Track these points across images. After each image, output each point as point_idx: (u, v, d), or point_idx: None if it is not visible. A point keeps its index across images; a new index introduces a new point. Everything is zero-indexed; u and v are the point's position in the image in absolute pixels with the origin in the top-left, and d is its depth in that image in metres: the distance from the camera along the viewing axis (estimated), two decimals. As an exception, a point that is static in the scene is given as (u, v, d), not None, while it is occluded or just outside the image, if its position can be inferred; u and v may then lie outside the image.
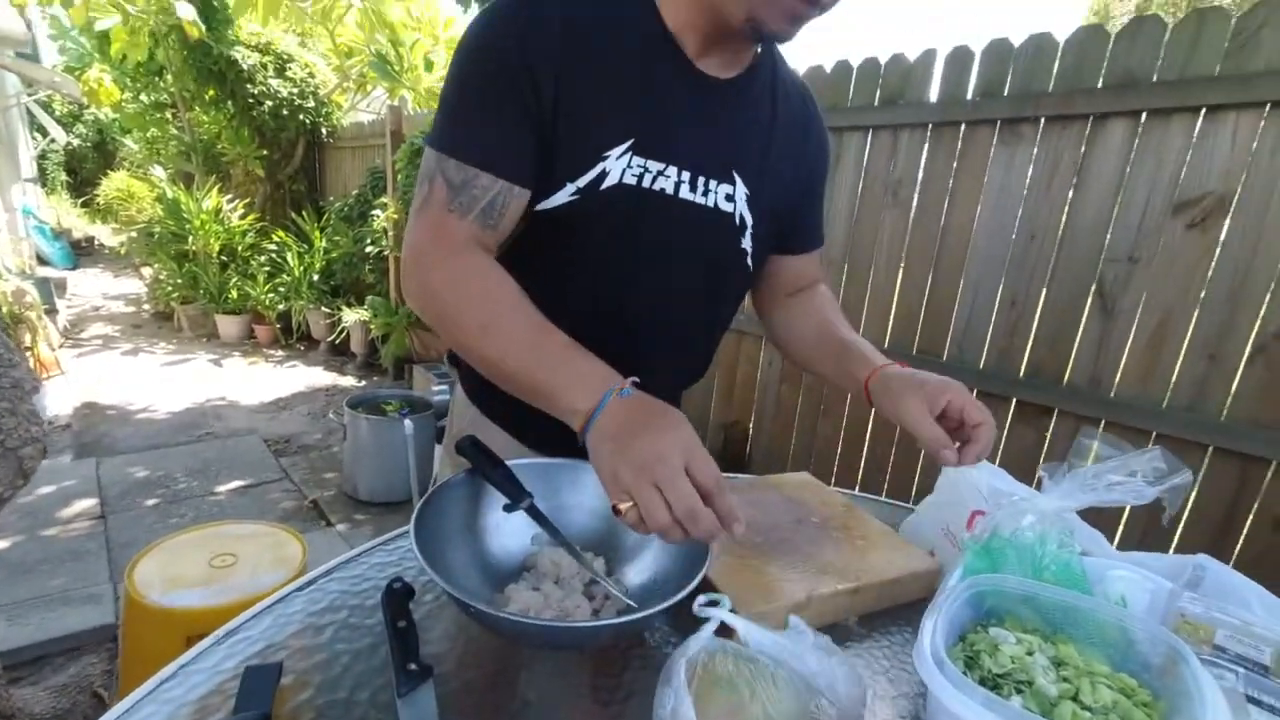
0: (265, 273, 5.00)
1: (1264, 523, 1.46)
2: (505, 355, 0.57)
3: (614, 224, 0.63)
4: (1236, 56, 1.37)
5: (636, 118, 0.61)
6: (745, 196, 0.68)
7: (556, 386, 0.54)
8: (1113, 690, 0.41)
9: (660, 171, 0.62)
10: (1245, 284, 1.43)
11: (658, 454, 0.47)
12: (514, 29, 0.58)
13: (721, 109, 0.65)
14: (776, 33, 0.58)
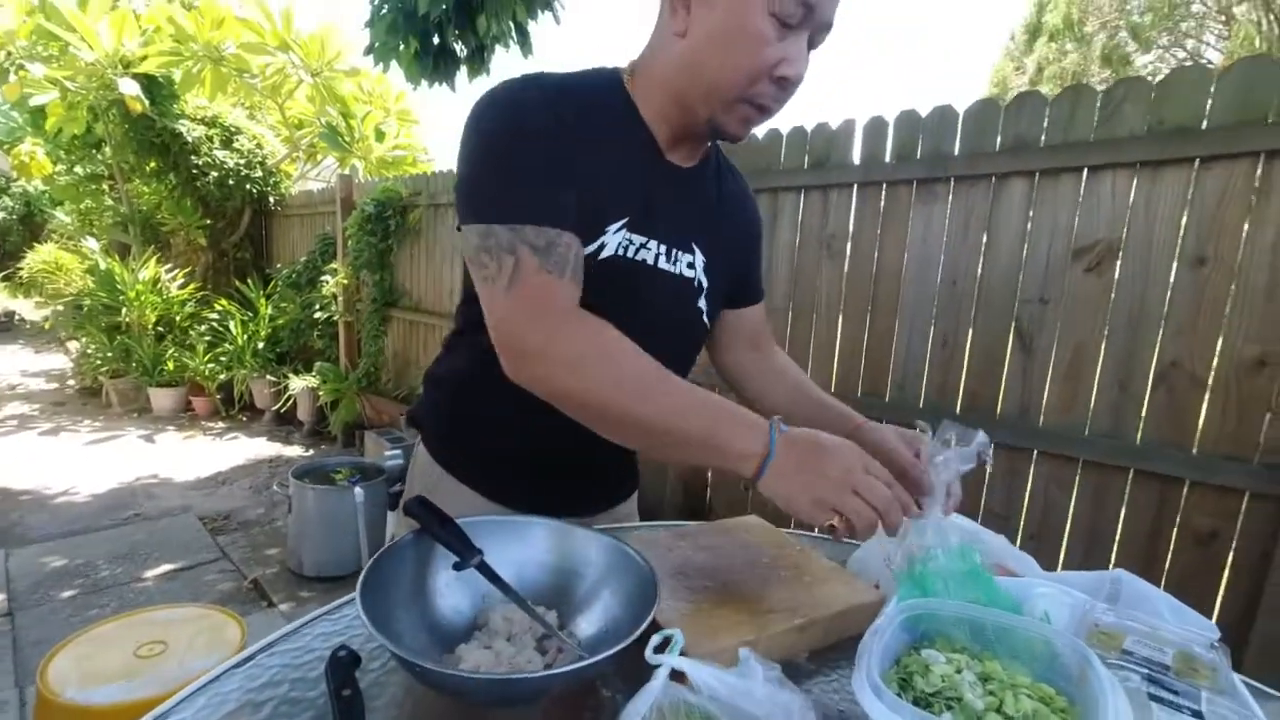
0: (206, 342, 4.83)
1: (1186, 538, 1.56)
2: (668, 417, 0.59)
3: (609, 290, 0.69)
4: (1107, 124, 1.57)
5: (630, 199, 0.70)
6: (702, 264, 0.79)
7: (727, 438, 0.58)
8: (1033, 699, 0.44)
9: (643, 245, 0.72)
10: (1141, 319, 1.57)
11: (846, 468, 0.55)
12: (544, 109, 0.65)
13: (684, 192, 0.76)
14: (732, 134, 0.69)
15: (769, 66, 0.63)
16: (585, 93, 0.69)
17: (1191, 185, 1.48)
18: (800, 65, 0.65)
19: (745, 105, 0.66)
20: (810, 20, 0.63)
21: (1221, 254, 1.46)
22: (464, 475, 0.81)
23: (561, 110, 0.65)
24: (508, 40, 2.24)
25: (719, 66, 0.64)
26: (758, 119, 0.68)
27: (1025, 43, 8.46)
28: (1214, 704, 0.45)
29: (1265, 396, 1.43)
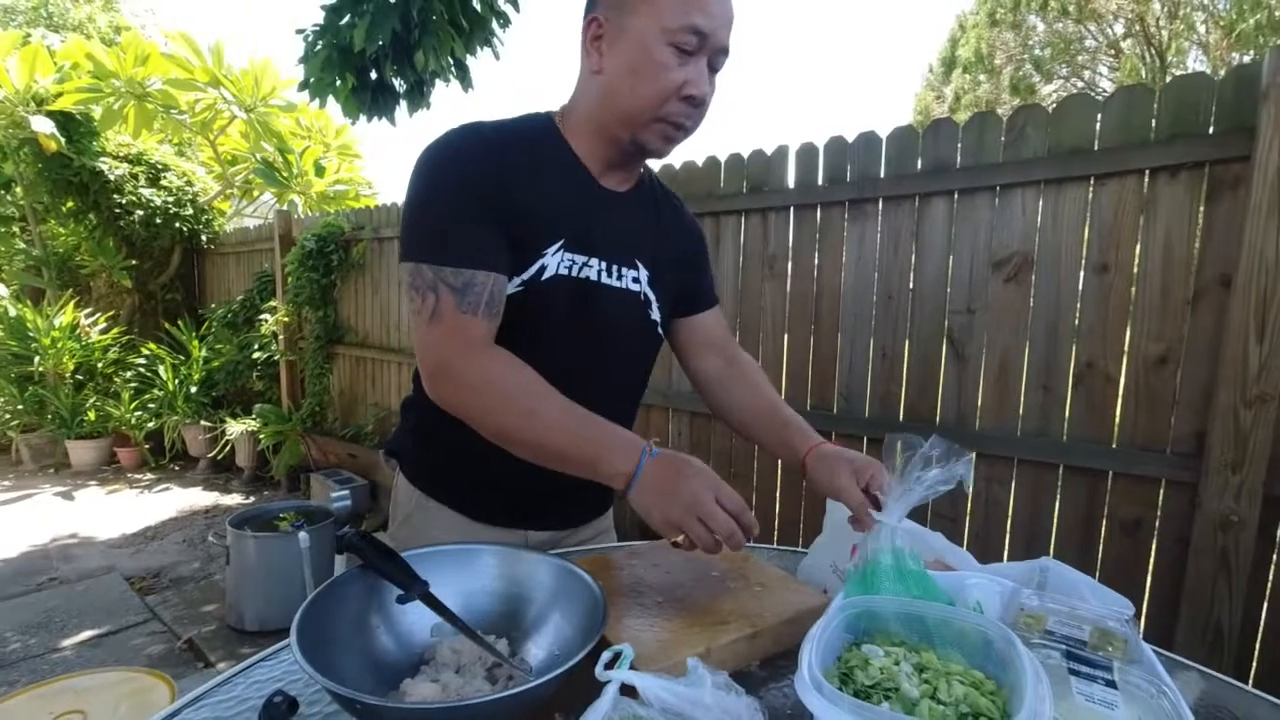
0: (132, 389, 4.54)
1: (1114, 527, 1.66)
2: (551, 435, 0.68)
3: (556, 306, 0.77)
4: (1013, 147, 1.70)
5: (567, 223, 0.77)
6: (647, 277, 0.85)
7: (599, 456, 0.67)
8: (964, 685, 0.46)
9: (585, 263, 0.79)
10: (1057, 324, 1.69)
11: (695, 497, 0.62)
12: (473, 157, 0.73)
13: (622, 214, 0.83)
14: (655, 150, 0.77)
15: (675, 88, 0.71)
16: (521, 135, 0.77)
17: (1090, 200, 1.61)
18: (703, 85, 0.73)
19: (661, 124, 0.74)
20: (706, 46, 0.71)
21: (1121, 261, 1.59)
22: (443, 497, 0.86)
23: (499, 154, 0.74)
24: (447, 75, 2.25)
25: (631, 93, 0.73)
26: (676, 135, 0.76)
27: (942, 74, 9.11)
28: (1125, 673, 0.48)
29: (1170, 390, 1.55)
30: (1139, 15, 7.27)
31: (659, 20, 0.69)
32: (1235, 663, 1.48)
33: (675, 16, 0.69)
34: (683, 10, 0.69)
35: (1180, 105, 1.48)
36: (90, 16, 11.15)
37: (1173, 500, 1.56)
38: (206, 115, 4.74)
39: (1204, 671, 0.73)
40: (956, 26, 9.04)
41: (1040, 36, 8.18)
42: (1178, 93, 1.48)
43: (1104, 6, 7.50)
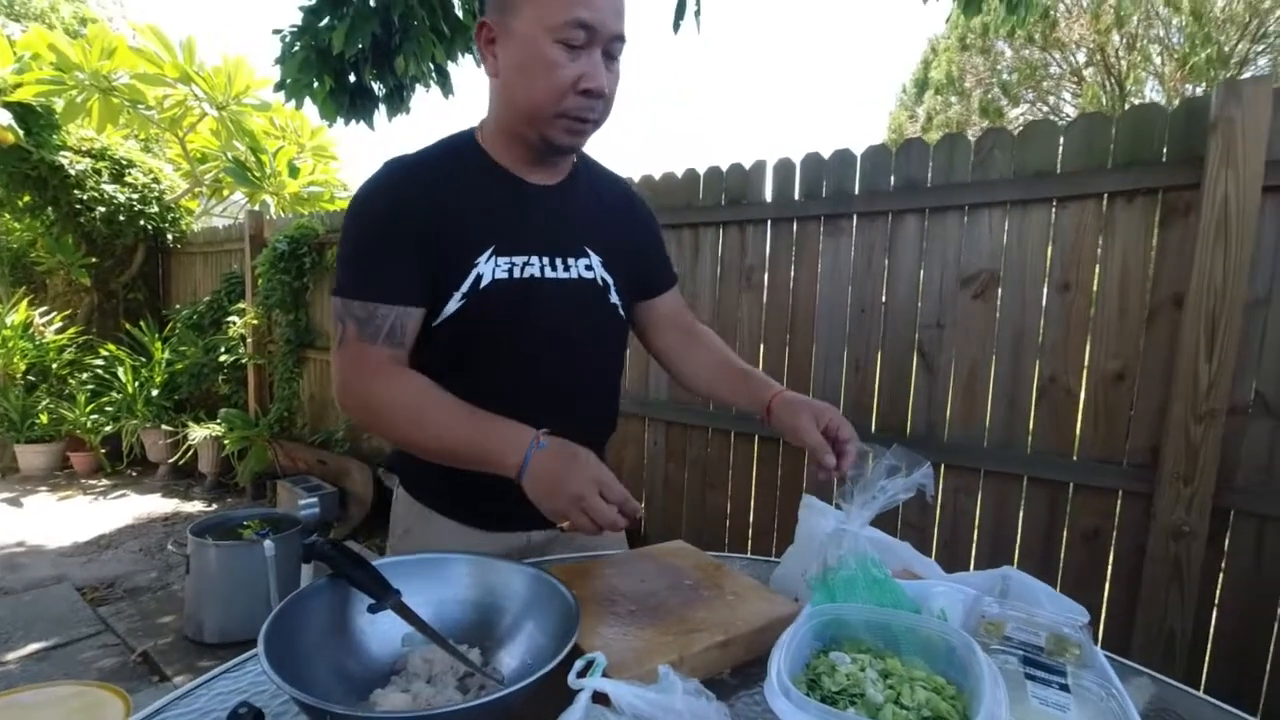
0: (88, 391, 4.38)
1: (1075, 537, 1.71)
2: (441, 437, 0.73)
3: (503, 310, 0.78)
4: (981, 168, 1.76)
5: (491, 229, 0.78)
6: (600, 263, 0.86)
7: (489, 452, 0.70)
8: (927, 690, 0.48)
9: (525, 263, 0.79)
10: (1022, 340, 1.75)
11: (578, 491, 0.65)
12: (385, 195, 0.77)
13: (558, 206, 0.84)
14: (563, 145, 0.78)
15: (569, 84, 0.72)
16: (440, 156, 0.81)
17: (1053, 221, 1.68)
18: (599, 77, 0.72)
19: (563, 119, 0.74)
20: (596, 38, 0.71)
21: (1081, 280, 1.65)
22: (443, 507, 0.88)
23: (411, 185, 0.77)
24: (428, 81, 2.24)
25: (526, 93, 0.74)
26: (581, 128, 0.76)
27: (915, 94, 9.39)
28: (1078, 677, 0.50)
29: (1126, 404, 1.62)
30: (1100, 45, 7.62)
31: (542, 19, 0.70)
32: (1187, 668, 1.54)
33: (558, 13, 0.69)
34: (565, 6, 0.69)
35: (1136, 133, 1.55)
36: (54, 6, 10.81)
37: (1129, 511, 1.62)
38: (176, 112, 4.63)
39: (1155, 676, 0.76)
40: (929, 49, 9.34)
41: (1008, 62, 8.51)
42: (1133, 121, 1.55)
43: (1067, 36, 7.84)
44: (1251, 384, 1.46)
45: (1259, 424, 1.46)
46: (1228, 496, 1.48)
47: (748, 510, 2.29)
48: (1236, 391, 1.46)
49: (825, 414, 0.79)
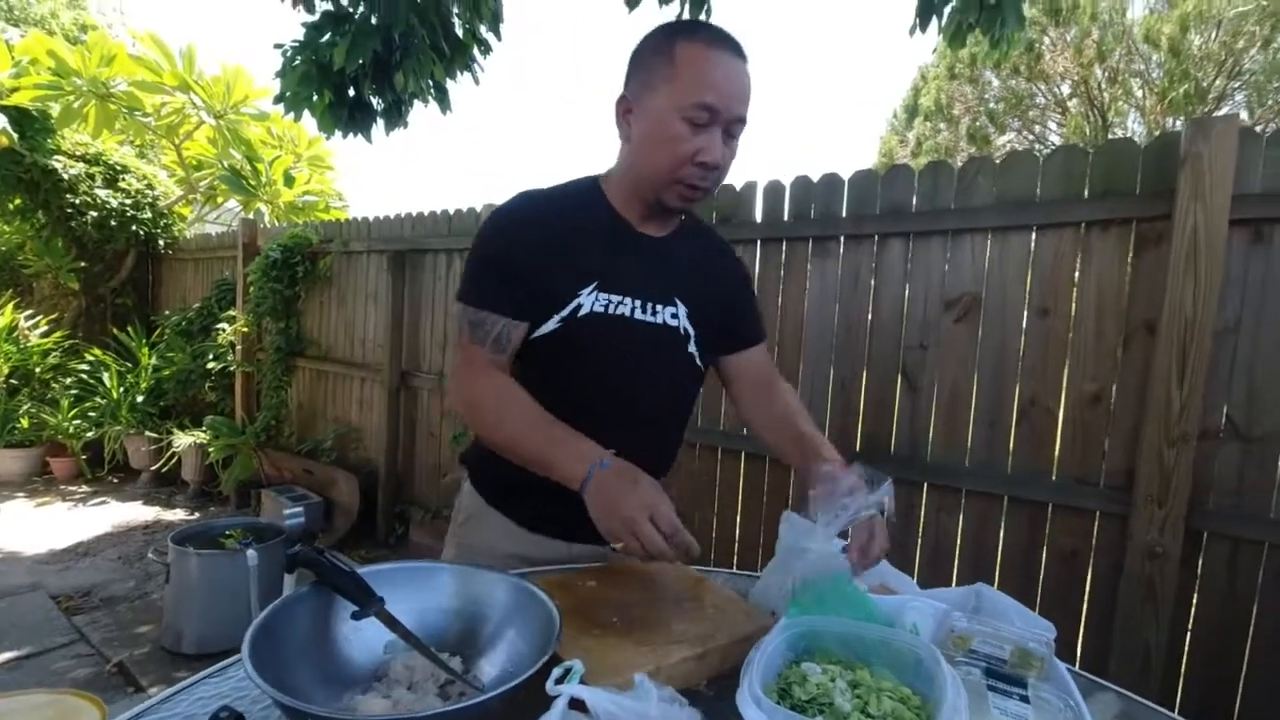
0: (72, 396, 4.33)
1: (1055, 557, 1.74)
2: (516, 439, 0.82)
3: (591, 339, 0.87)
4: (964, 195, 1.81)
5: (601, 267, 0.88)
6: (686, 314, 0.94)
7: (557, 462, 0.77)
8: (893, 700, 0.49)
9: (619, 301, 0.89)
10: (1003, 363, 1.79)
11: (630, 514, 0.70)
12: (513, 221, 0.89)
13: (660, 256, 0.93)
14: (676, 208, 0.88)
15: (688, 156, 0.82)
16: (566, 196, 0.92)
17: (1032, 247, 1.73)
18: (715, 153, 0.82)
19: (677, 186, 0.84)
20: (718, 119, 0.81)
21: (1059, 306, 1.70)
22: (500, 505, 0.97)
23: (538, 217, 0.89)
24: (426, 97, 2.28)
25: (651, 160, 0.84)
26: (693, 195, 0.86)
27: (906, 120, 9.60)
28: (1038, 689, 0.52)
29: (1103, 427, 1.66)
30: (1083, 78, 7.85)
31: (674, 99, 0.80)
32: (1161, 686, 1.56)
33: (688, 95, 0.79)
34: (695, 90, 0.79)
35: (1111, 165, 1.61)
36: (54, 12, 10.84)
37: (1106, 531, 1.65)
38: (173, 119, 4.65)
39: (1120, 692, 0.78)
40: (919, 77, 9.57)
41: (995, 91, 8.73)
42: (1109, 154, 1.61)
43: (1051, 68, 8.07)
44: (1222, 409, 1.51)
45: (1229, 448, 1.50)
46: (1200, 519, 1.51)
47: (734, 525, 2.30)
48: (1208, 416, 1.50)
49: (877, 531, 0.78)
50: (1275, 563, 1.46)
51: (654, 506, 0.70)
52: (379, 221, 3.57)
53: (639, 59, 0.86)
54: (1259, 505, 1.47)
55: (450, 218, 3.18)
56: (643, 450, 0.88)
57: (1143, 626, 1.56)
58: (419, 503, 3.37)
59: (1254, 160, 1.43)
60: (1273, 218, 1.42)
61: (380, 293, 3.48)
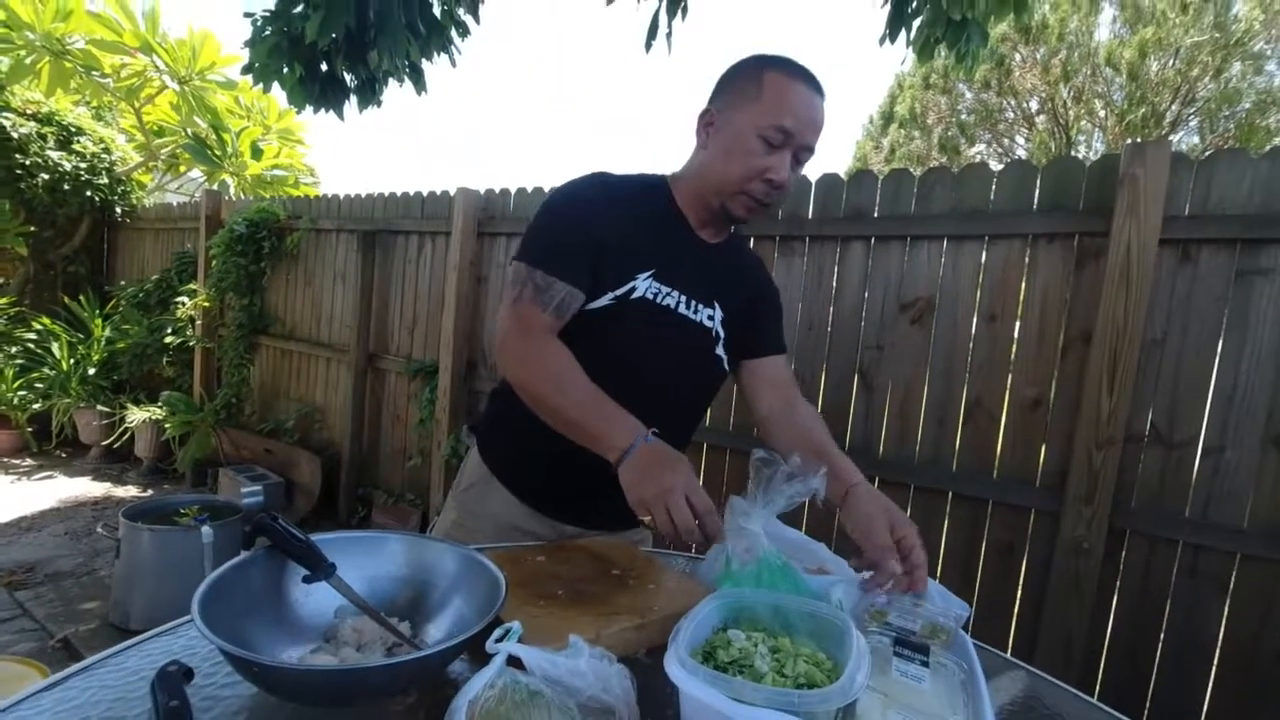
0: (17, 366, 4.16)
1: (993, 551, 1.84)
2: (569, 407, 0.83)
3: (637, 322, 0.93)
4: (924, 202, 1.89)
5: (659, 257, 0.94)
6: (721, 318, 1.01)
7: (602, 432, 0.80)
8: (808, 664, 0.54)
9: (669, 293, 0.95)
10: (952, 364, 1.87)
11: (668, 488, 0.72)
12: (586, 196, 0.94)
13: (709, 260, 1.00)
14: (739, 217, 0.95)
15: (758, 171, 0.89)
16: (635, 188, 0.98)
17: (984, 256, 1.81)
18: (783, 173, 0.89)
19: (744, 197, 0.92)
20: (790, 143, 0.89)
21: (1005, 313, 1.79)
22: (502, 476, 1.02)
23: (612, 199, 0.94)
24: (401, 76, 2.25)
25: (724, 169, 0.91)
26: (756, 208, 0.93)
27: (881, 126, 9.80)
28: (938, 655, 0.57)
29: (1041, 429, 1.75)
30: (1050, 95, 8.12)
31: (756, 119, 0.88)
32: (1081, 675, 1.67)
33: (768, 117, 0.87)
34: (775, 113, 0.87)
35: (1058, 181, 1.69)
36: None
37: (1040, 528, 1.75)
38: (134, 81, 4.47)
39: (1030, 670, 0.85)
40: (895, 85, 9.76)
41: (967, 103, 8.98)
42: (1056, 171, 1.70)
43: (1020, 84, 8.33)
44: (1148, 416, 1.61)
45: (1152, 452, 1.61)
46: (1123, 517, 1.62)
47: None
48: (1134, 422, 1.61)
49: (903, 524, 0.78)
50: (1188, 559, 1.58)
51: (690, 485, 0.73)
52: (350, 200, 3.51)
53: (730, 79, 0.93)
54: (1176, 506, 1.58)
55: (424, 199, 3.15)
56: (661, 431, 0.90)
57: (1067, 617, 1.66)
58: (382, 486, 3.35)
59: (1184, 184, 1.53)
60: (1198, 239, 1.52)
61: (349, 273, 3.43)
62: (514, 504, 1.01)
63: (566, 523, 1.02)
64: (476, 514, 1.03)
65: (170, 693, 0.46)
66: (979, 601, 1.84)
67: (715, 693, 0.47)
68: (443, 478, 2.94)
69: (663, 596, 0.76)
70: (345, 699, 0.50)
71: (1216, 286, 1.52)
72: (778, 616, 0.63)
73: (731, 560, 0.69)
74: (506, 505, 1.01)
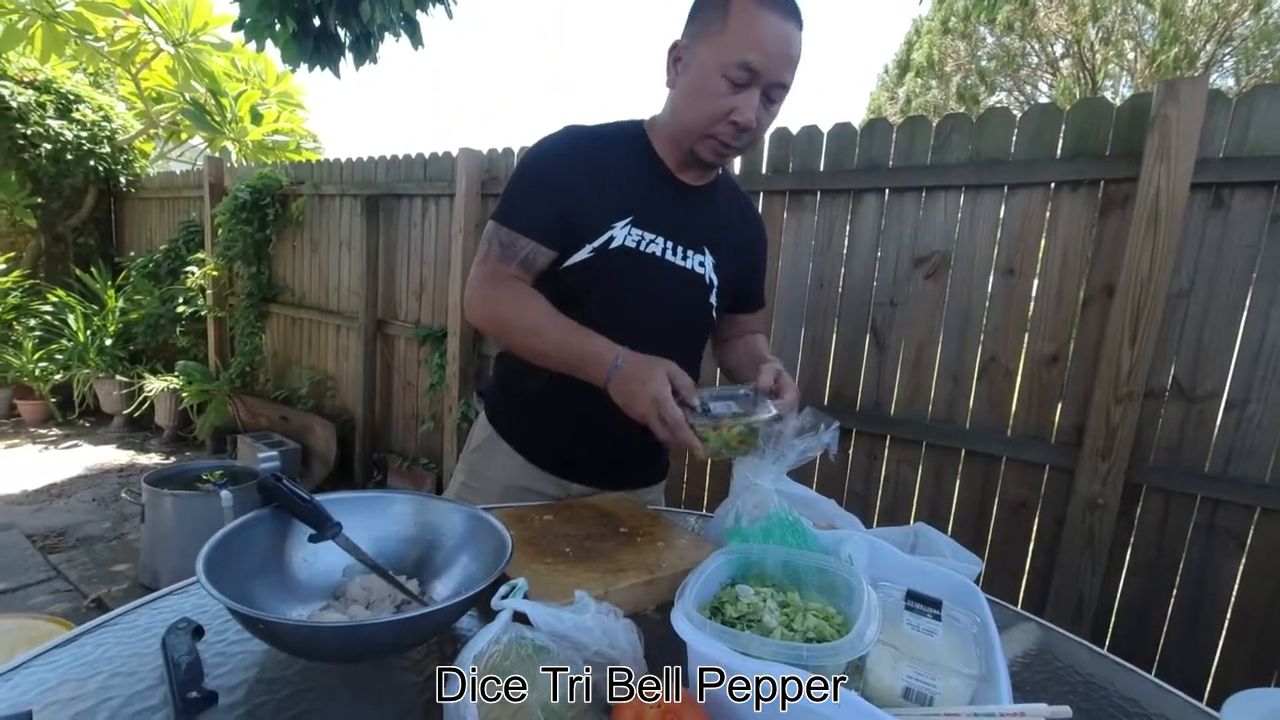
0: (36, 338, 4.22)
1: (1005, 507, 1.83)
2: (550, 340, 0.84)
3: (620, 272, 0.90)
4: (940, 151, 1.81)
5: (636, 204, 0.91)
6: (713, 264, 0.97)
7: (584, 361, 0.82)
8: (818, 619, 0.53)
9: (652, 240, 0.91)
10: (968, 320, 1.83)
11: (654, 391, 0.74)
12: (554, 152, 0.91)
13: (695, 204, 0.96)
14: (707, 161, 0.90)
15: (724, 113, 0.84)
16: (611, 136, 0.94)
17: (1002, 207, 1.74)
18: (749, 113, 0.83)
19: (711, 140, 0.87)
20: (757, 80, 0.82)
21: (1024, 267, 1.73)
22: (509, 437, 1.02)
23: (583, 151, 0.91)
24: (396, 30, 2.17)
25: (689, 111, 0.86)
26: (724, 152, 0.89)
27: (897, 75, 9.40)
28: (951, 610, 0.56)
29: (1058, 386, 1.72)
30: (1076, 37, 7.71)
31: (718, 55, 0.81)
32: (1093, 630, 1.68)
33: (731, 53, 0.80)
34: (740, 48, 0.80)
35: (1083, 126, 1.61)
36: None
37: (1053, 485, 1.74)
38: (127, 45, 4.37)
39: (1040, 622, 0.85)
40: (913, 31, 9.32)
41: (988, 48, 8.56)
42: (1082, 114, 1.61)
43: (1045, 26, 7.90)
44: (1170, 370, 1.57)
45: (1173, 407, 1.57)
46: (1140, 473, 1.60)
47: (704, 474, 2.37)
48: (1155, 376, 1.57)
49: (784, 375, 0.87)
50: (1205, 515, 1.56)
51: (671, 373, 0.75)
52: (352, 164, 3.45)
53: (698, 6, 0.86)
54: (1195, 461, 1.55)
55: (425, 161, 3.09)
56: None
57: (1079, 574, 1.66)
58: (396, 450, 3.39)
59: (1219, 124, 1.45)
60: (1232, 182, 1.45)
61: (354, 239, 3.40)
62: (521, 464, 1.01)
63: (575, 481, 1.02)
64: (483, 475, 1.03)
65: (180, 649, 0.47)
66: (989, 559, 1.85)
67: (723, 647, 0.46)
68: (455, 442, 2.97)
69: (671, 553, 0.75)
70: (353, 655, 0.50)
71: (1249, 233, 1.46)
72: (787, 571, 0.63)
73: (741, 516, 0.68)
74: (514, 466, 1.01)
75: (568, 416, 0.96)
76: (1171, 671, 1.61)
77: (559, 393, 0.91)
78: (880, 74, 9.93)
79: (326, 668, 0.52)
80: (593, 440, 0.97)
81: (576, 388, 0.85)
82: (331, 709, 0.48)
